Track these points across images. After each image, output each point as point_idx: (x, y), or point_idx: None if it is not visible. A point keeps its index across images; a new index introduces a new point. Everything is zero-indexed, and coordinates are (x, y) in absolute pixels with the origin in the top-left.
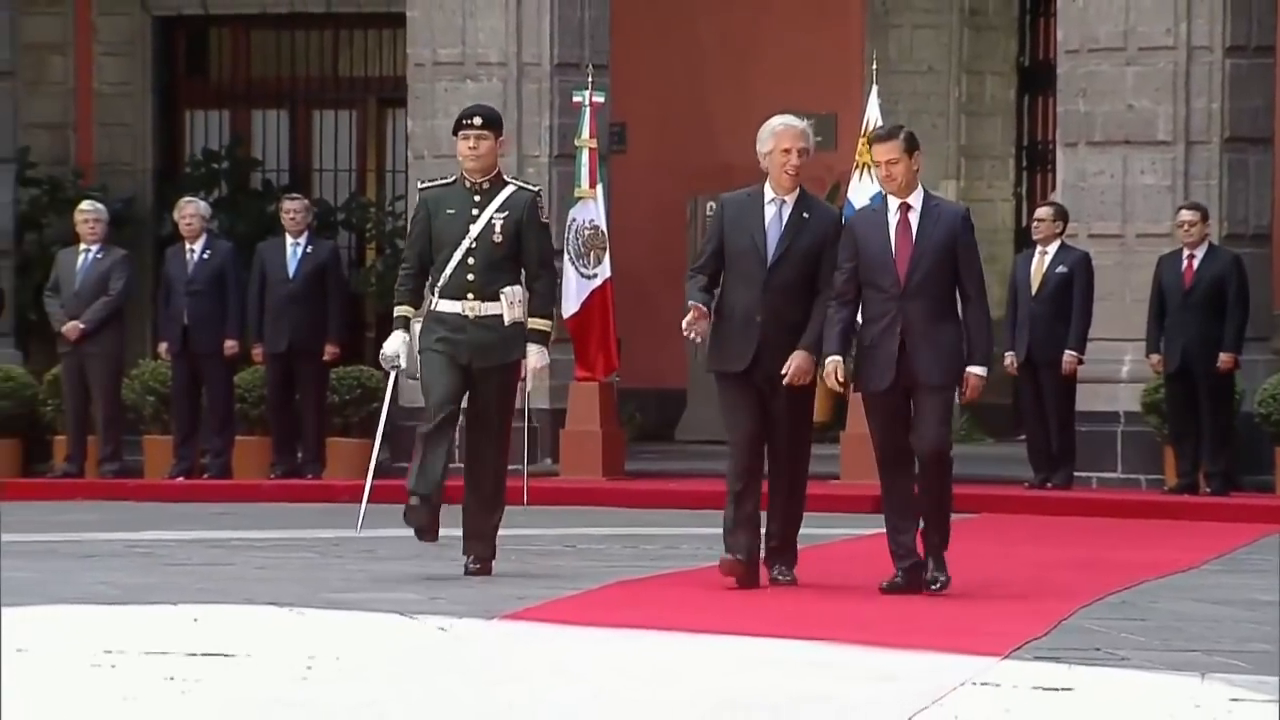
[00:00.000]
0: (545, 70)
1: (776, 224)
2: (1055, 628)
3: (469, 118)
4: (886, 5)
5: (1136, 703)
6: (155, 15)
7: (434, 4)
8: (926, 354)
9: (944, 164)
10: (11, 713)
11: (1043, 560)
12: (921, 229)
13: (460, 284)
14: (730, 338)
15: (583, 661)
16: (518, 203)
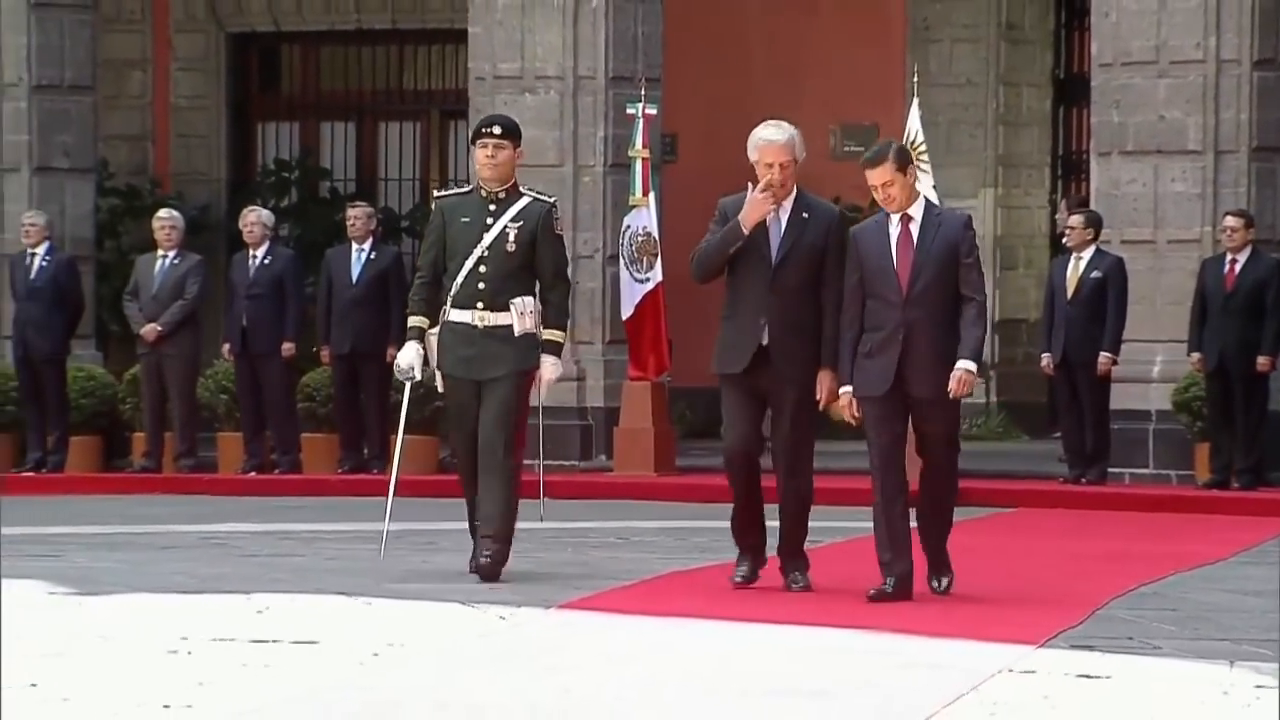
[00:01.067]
0: (600, 83)
1: (777, 225)
2: (1089, 617)
3: (488, 126)
4: (927, 20)
5: (1168, 689)
6: (229, 32)
7: (494, 20)
8: (929, 364)
9: (982, 173)
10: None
11: (1077, 552)
12: (923, 238)
13: (471, 293)
14: (736, 339)
15: (636, 649)
16: (532, 213)
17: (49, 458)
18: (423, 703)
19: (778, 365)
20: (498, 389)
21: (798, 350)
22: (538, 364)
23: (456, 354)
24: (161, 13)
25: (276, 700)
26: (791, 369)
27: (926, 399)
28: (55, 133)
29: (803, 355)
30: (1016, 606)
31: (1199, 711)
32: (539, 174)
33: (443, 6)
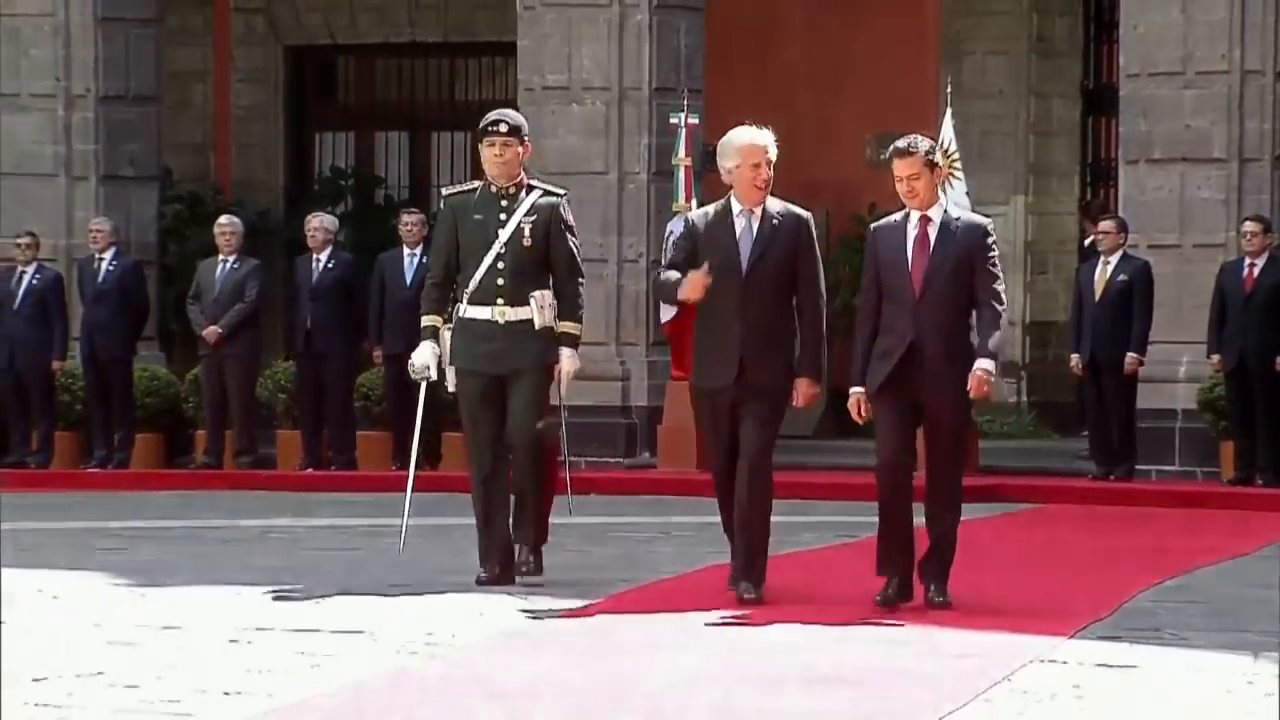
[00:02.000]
0: (644, 94)
1: (748, 234)
2: (1118, 609)
3: (494, 124)
4: (960, 33)
5: (1193, 679)
6: (287, 45)
7: (542, 34)
8: (939, 370)
9: (1013, 180)
10: (157, 683)
11: (1106, 547)
12: (939, 242)
13: (491, 289)
14: (712, 352)
15: (680, 639)
16: (545, 207)
17: (115, 455)
18: (474, 690)
19: (750, 375)
20: (523, 389)
21: (770, 360)
22: (557, 357)
23: (474, 350)
24: (223, 27)
25: (332, 688)
26: (763, 378)
27: (936, 404)
28: (121, 142)
29: (774, 365)
30: (1047, 599)
31: (1224, 700)
32: (586, 181)
33: (493, 21)
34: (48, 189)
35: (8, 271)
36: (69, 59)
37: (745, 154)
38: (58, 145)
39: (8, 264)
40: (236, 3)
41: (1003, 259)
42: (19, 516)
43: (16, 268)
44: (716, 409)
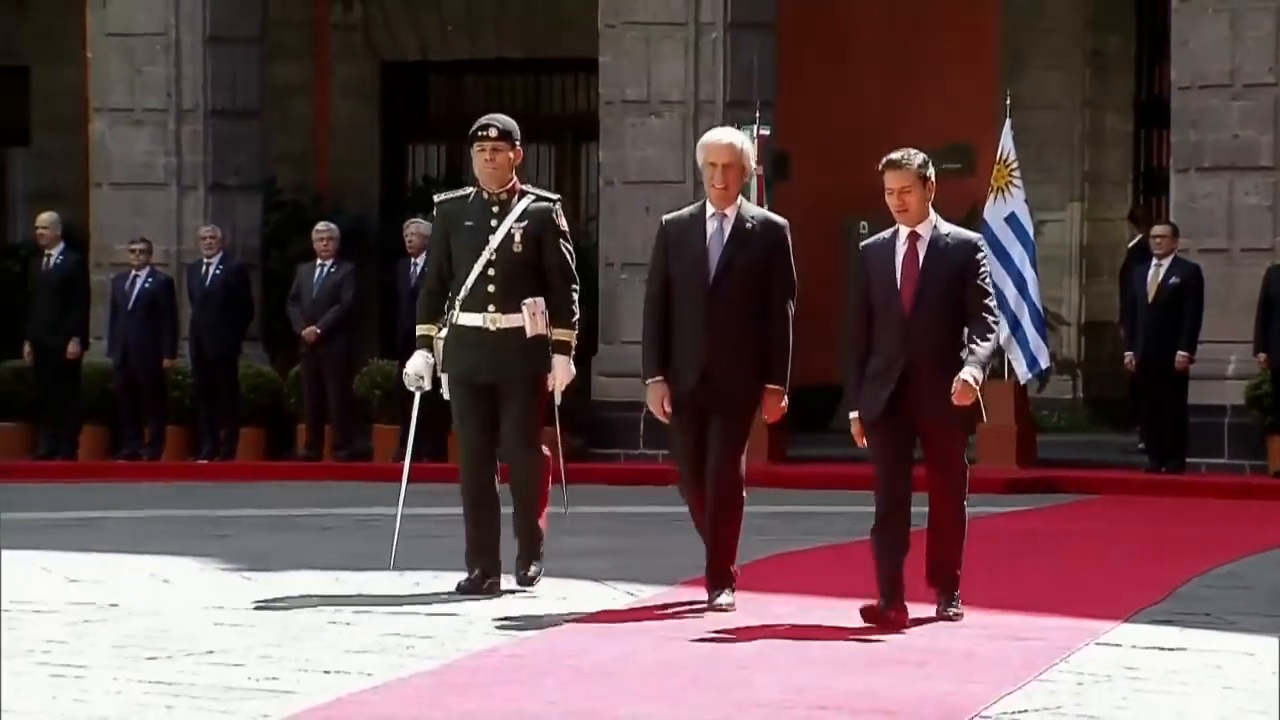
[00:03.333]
0: (718, 107)
1: (718, 239)
2: (1170, 595)
3: (484, 129)
4: (1019, 49)
5: (1242, 661)
6: (382, 62)
7: (622, 50)
8: (932, 390)
9: (1069, 188)
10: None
11: (1158, 536)
12: (928, 258)
13: (481, 296)
14: (679, 355)
15: (750, 620)
16: (537, 213)
17: (221, 448)
18: (560, 668)
19: (716, 382)
20: (514, 402)
21: (736, 367)
22: (549, 366)
23: (464, 357)
24: (322, 44)
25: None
26: (729, 386)
27: (930, 425)
28: (228, 154)
29: (741, 375)
30: (1102, 585)
31: (1270, 681)
32: (663, 190)
33: (576, 38)
34: (159, 198)
35: (122, 276)
36: (179, 76)
37: (707, 153)
38: (169, 157)
39: (122, 268)
40: (335, 21)
41: (1059, 263)
42: (133, 505)
43: (130, 272)
44: (681, 412)
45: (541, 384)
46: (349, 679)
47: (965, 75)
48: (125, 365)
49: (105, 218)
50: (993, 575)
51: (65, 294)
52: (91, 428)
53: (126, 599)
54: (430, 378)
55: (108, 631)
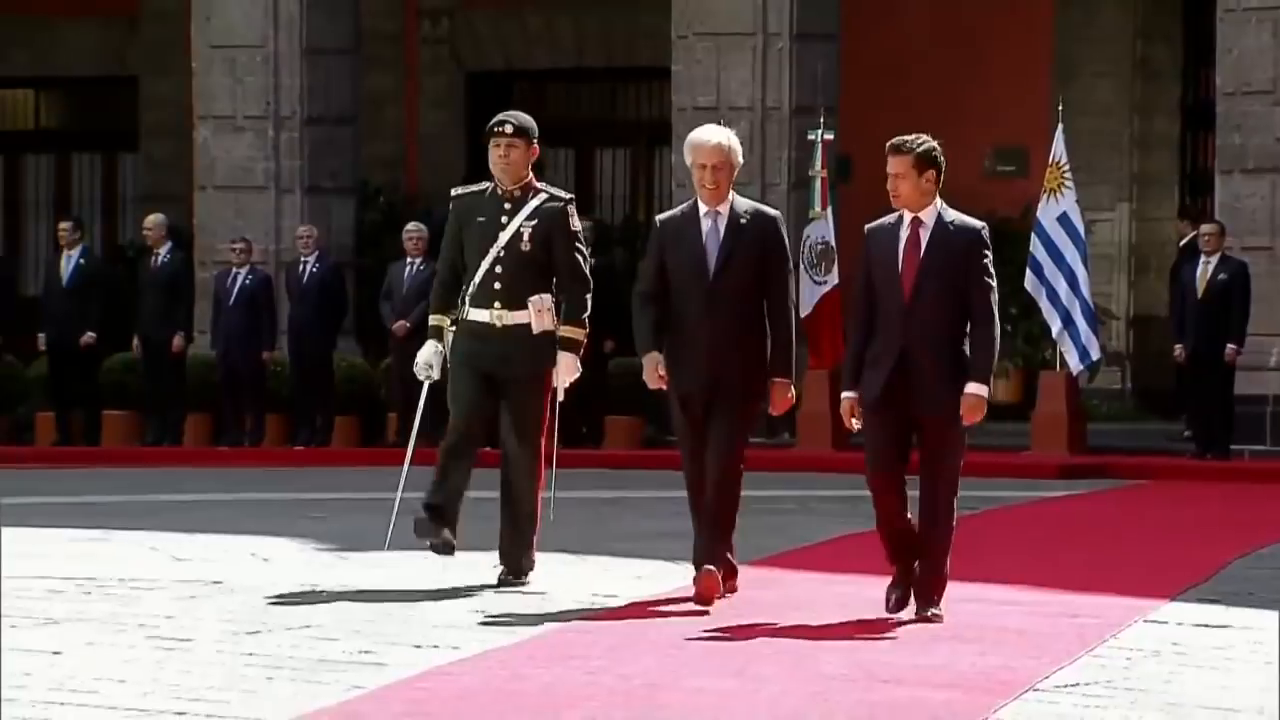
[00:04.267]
0: (785, 113)
1: (714, 236)
2: (1214, 575)
3: (500, 125)
4: (1071, 57)
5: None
6: (468, 71)
7: (694, 60)
8: (930, 379)
9: (1119, 189)
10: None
11: (1204, 519)
12: (931, 245)
13: (488, 292)
14: (682, 358)
15: (816, 598)
16: (548, 212)
17: (317, 435)
18: (635, 642)
19: (721, 379)
20: (515, 398)
21: (740, 363)
22: (554, 363)
23: (470, 348)
24: (412, 56)
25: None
26: (734, 382)
27: (926, 415)
28: (323, 159)
29: (745, 368)
30: (1149, 565)
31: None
32: None
33: (650, 48)
34: (259, 200)
35: (224, 273)
36: (278, 85)
37: (694, 153)
38: (268, 162)
39: (224, 266)
40: (424, 35)
41: (1109, 260)
42: (234, 488)
43: (232, 269)
44: (687, 413)
45: (545, 379)
46: (436, 652)
47: (1020, 82)
48: (227, 358)
49: (208, 219)
50: (1046, 556)
51: (171, 291)
52: (195, 416)
53: (229, 577)
54: (440, 367)
55: (211, 607)
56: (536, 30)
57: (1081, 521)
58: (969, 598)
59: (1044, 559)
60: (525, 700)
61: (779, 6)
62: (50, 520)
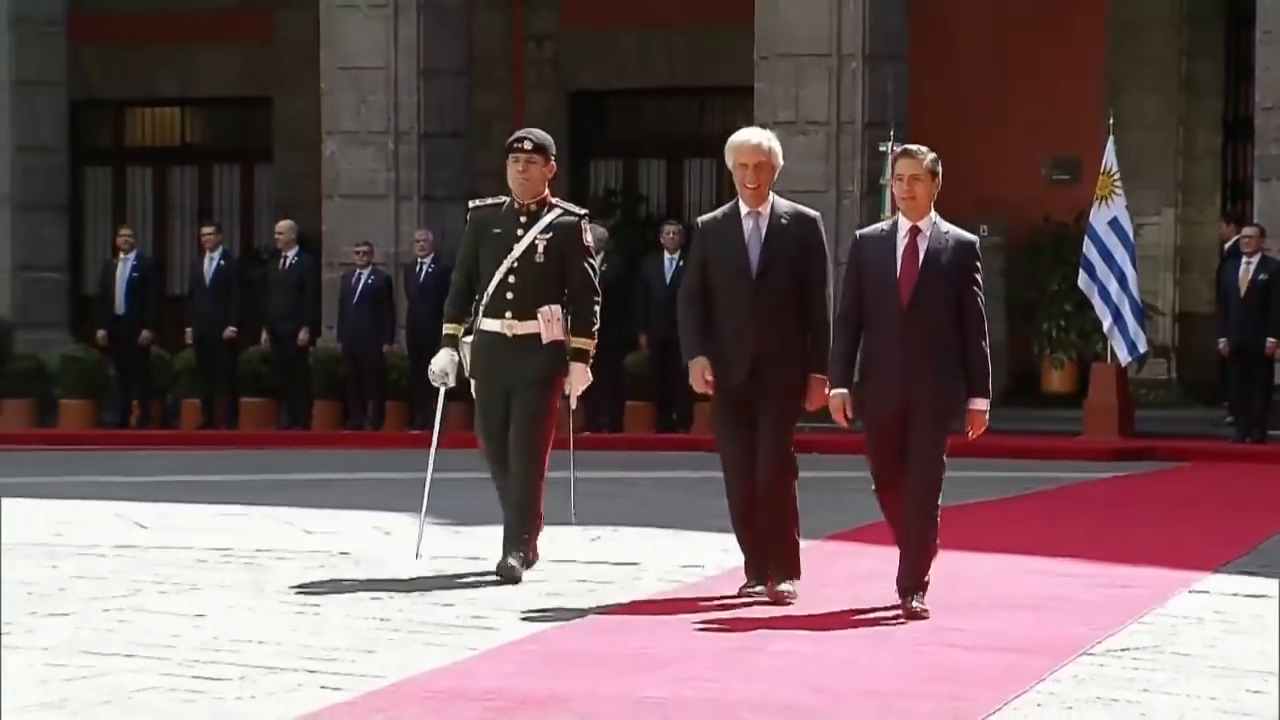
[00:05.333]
0: (857, 127)
1: (756, 236)
2: (1254, 549)
3: (519, 141)
4: (1121, 75)
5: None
6: (568, 90)
7: (775, 78)
8: (925, 385)
9: (1165, 196)
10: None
11: (1243, 498)
12: (929, 254)
13: (501, 303)
14: (726, 355)
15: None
16: (562, 226)
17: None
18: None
19: (766, 375)
20: (523, 399)
21: (784, 359)
22: (565, 372)
23: (486, 361)
24: (518, 76)
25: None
26: (778, 378)
27: (917, 420)
28: (438, 170)
29: (788, 365)
30: (1193, 540)
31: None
32: (809, 198)
33: (735, 68)
34: (380, 208)
35: (348, 273)
36: (397, 104)
37: (735, 154)
38: (388, 172)
39: (348, 267)
40: (529, 57)
41: (1156, 261)
42: (358, 468)
43: (356, 270)
44: (732, 409)
45: (554, 386)
46: (542, 617)
47: (1074, 98)
48: (351, 350)
49: (334, 224)
50: (1098, 532)
51: (299, 289)
52: (322, 403)
53: (354, 548)
54: (455, 375)
55: (338, 575)
56: (631, 52)
57: (1130, 500)
58: (1028, 570)
59: (1096, 535)
60: (621, 661)
61: (852, 30)
62: (195, 496)
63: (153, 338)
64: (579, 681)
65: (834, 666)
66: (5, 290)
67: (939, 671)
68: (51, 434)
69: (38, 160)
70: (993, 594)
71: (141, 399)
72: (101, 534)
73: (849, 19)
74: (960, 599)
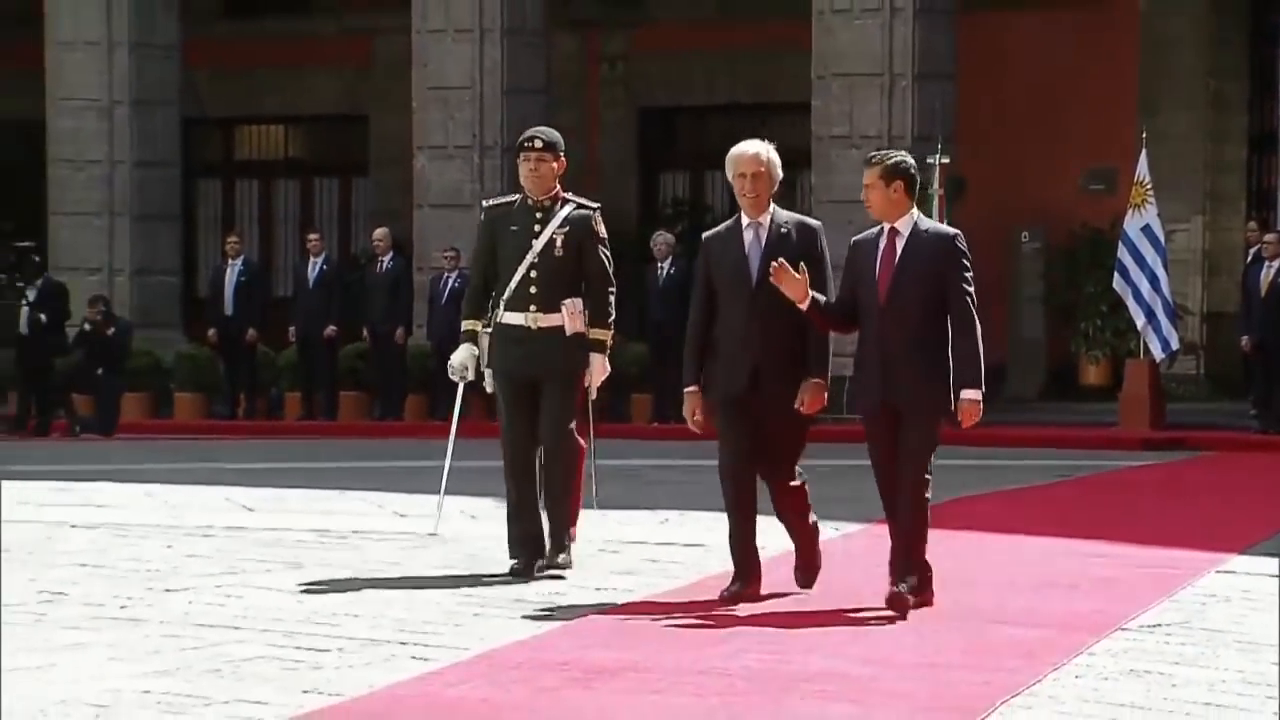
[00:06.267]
0: (908, 141)
1: (757, 246)
2: (1277, 532)
3: (529, 140)
4: (1154, 93)
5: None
6: (638, 107)
7: (831, 96)
8: (906, 380)
9: (1195, 205)
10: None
11: (1267, 485)
12: (905, 253)
13: (524, 297)
14: (727, 365)
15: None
16: (577, 220)
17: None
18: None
19: (766, 383)
20: (552, 394)
21: (785, 366)
22: (586, 363)
23: (509, 353)
24: (593, 95)
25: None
26: (781, 385)
27: (903, 411)
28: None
29: (790, 371)
30: (1220, 524)
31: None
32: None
33: (792, 87)
34: (466, 216)
35: (437, 276)
36: (482, 120)
37: (734, 165)
38: (474, 184)
39: (437, 271)
40: (602, 77)
41: (1185, 264)
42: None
43: (444, 274)
44: (732, 416)
45: (578, 379)
46: (613, 593)
47: (1109, 114)
48: (440, 347)
49: (424, 231)
50: (1131, 516)
51: (394, 291)
52: (414, 396)
53: (443, 530)
54: (474, 369)
55: (429, 555)
56: (697, 72)
57: (1161, 486)
58: (1064, 551)
59: (1129, 518)
60: (687, 635)
61: (903, 51)
62: (296, 482)
63: (258, 336)
64: (648, 652)
65: (882, 641)
66: (125, 293)
67: (983, 645)
68: (167, 424)
69: (154, 174)
70: (1033, 574)
71: (248, 393)
72: (212, 516)
73: (899, 41)
74: (1002, 579)
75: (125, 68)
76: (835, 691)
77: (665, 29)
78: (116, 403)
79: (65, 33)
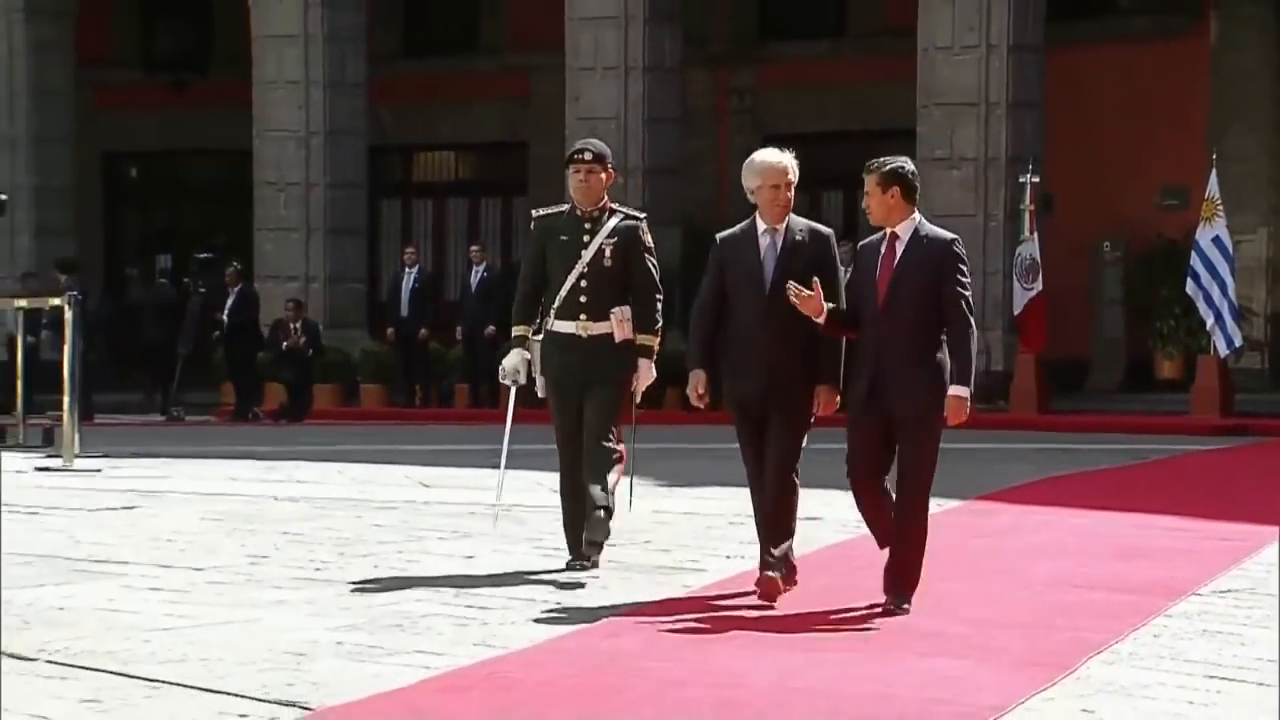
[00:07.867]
0: (1002, 162)
1: (772, 251)
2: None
3: (580, 153)
4: (1223, 117)
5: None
6: (763, 134)
7: (933, 123)
8: (902, 384)
9: (1260, 217)
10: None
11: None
12: (904, 257)
13: (574, 305)
14: (741, 369)
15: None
16: (625, 230)
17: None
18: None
19: (779, 386)
20: (600, 395)
21: (796, 370)
22: (635, 369)
23: (560, 360)
24: (724, 122)
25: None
26: (791, 388)
27: (900, 413)
28: (655, 199)
29: (801, 375)
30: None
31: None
32: (961, 222)
33: (897, 114)
34: None
35: None
36: (626, 146)
37: (765, 175)
38: None
39: None
40: (732, 107)
41: (1252, 271)
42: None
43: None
44: (748, 421)
45: (625, 384)
46: (740, 562)
47: (1182, 136)
48: None
49: None
50: (1204, 495)
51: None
52: None
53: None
54: (525, 374)
55: None
56: (815, 102)
57: (1229, 468)
58: (1143, 525)
59: (1200, 496)
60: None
61: (997, 81)
62: (465, 462)
63: (429, 335)
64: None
65: (977, 602)
66: (320, 298)
67: (1069, 608)
68: (354, 412)
69: (344, 194)
70: (1114, 545)
71: (422, 384)
72: (394, 491)
73: (995, 74)
74: (1085, 549)
75: (320, 103)
76: (943, 648)
77: (786, 66)
78: (309, 392)
79: (270, 74)
